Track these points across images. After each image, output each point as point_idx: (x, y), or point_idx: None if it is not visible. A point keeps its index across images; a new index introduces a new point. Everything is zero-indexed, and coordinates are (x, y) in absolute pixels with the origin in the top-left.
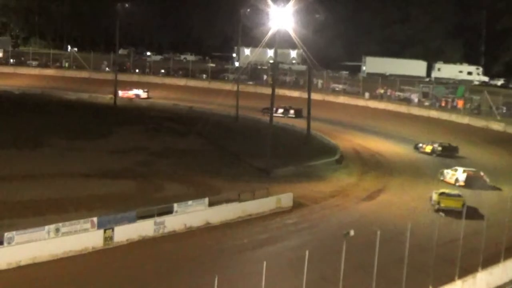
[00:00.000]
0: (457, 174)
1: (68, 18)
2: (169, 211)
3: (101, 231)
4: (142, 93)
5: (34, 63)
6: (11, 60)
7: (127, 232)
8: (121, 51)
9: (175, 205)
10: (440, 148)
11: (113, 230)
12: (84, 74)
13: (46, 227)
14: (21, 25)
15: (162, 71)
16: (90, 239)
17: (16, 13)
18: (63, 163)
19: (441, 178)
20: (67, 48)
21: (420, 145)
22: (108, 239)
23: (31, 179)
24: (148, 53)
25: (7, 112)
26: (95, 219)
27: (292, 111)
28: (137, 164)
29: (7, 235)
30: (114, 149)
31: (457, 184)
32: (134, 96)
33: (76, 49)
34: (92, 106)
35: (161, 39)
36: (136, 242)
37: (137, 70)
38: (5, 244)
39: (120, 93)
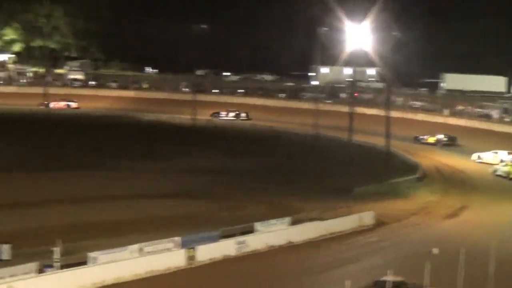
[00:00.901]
0: None
1: (147, 41)
2: (251, 231)
3: (184, 251)
4: (72, 104)
5: (114, 85)
6: (92, 83)
7: (210, 251)
8: (199, 72)
9: (257, 224)
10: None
11: (196, 249)
12: (162, 95)
13: (130, 247)
14: (102, 48)
15: (240, 91)
16: (173, 259)
17: (96, 37)
18: (141, 184)
19: None
20: (146, 70)
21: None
22: (191, 258)
23: (111, 200)
24: (226, 73)
25: (87, 134)
26: (178, 238)
27: None
28: (216, 184)
29: (91, 255)
30: (193, 169)
31: None
32: (65, 106)
33: (155, 70)
34: (172, 127)
35: (238, 59)
36: (219, 261)
37: (215, 91)
38: (89, 264)
39: (52, 104)
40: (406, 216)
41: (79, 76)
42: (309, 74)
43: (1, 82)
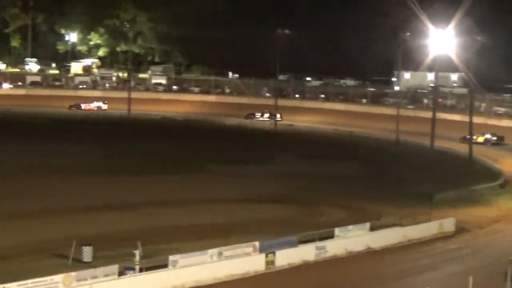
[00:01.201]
0: None
1: (229, 45)
2: (330, 236)
3: (263, 255)
4: (103, 105)
5: (196, 89)
6: (174, 87)
7: (289, 256)
8: (281, 77)
9: (336, 230)
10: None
11: (275, 254)
12: (244, 100)
13: (210, 251)
14: (184, 52)
15: (322, 96)
16: (252, 263)
17: (179, 41)
18: (224, 188)
19: None
20: (228, 75)
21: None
22: (269, 263)
23: (194, 204)
24: (308, 78)
25: (170, 138)
26: (257, 243)
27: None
28: (297, 189)
29: (172, 258)
30: (274, 174)
31: None
32: (96, 108)
33: (237, 75)
34: (253, 132)
35: (320, 64)
36: (298, 266)
37: (296, 95)
38: (170, 267)
39: (83, 106)
40: (488, 223)
41: (162, 80)
42: (392, 79)
43: (86, 86)
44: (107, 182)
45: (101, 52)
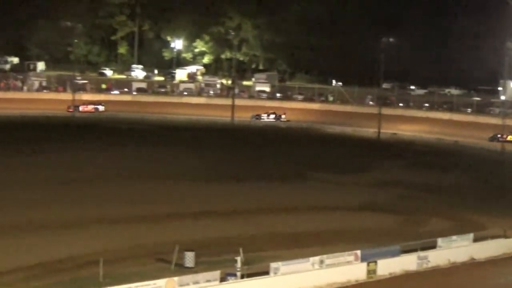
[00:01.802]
0: None
1: (333, 53)
2: (433, 246)
3: (365, 264)
4: (100, 107)
5: (300, 97)
6: (278, 95)
7: (391, 265)
8: (385, 85)
9: (439, 240)
10: None
11: (376, 263)
12: (348, 108)
13: (311, 259)
14: (288, 60)
15: (426, 104)
16: (353, 272)
17: (283, 49)
18: (325, 195)
19: None
20: (331, 83)
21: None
22: (371, 272)
23: (295, 211)
24: (412, 87)
25: (273, 145)
26: (359, 252)
27: None
28: (398, 198)
29: (273, 265)
30: (376, 182)
31: None
32: (93, 110)
33: (340, 83)
34: (356, 140)
35: (425, 73)
36: (399, 276)
37: (400, 104)
38: (271, 274)
39: (81, 108)
40: None
41: (266, 88)
42: (497, 88)
43: (191, 93)
44: (213, 188)
45: (205, 59)
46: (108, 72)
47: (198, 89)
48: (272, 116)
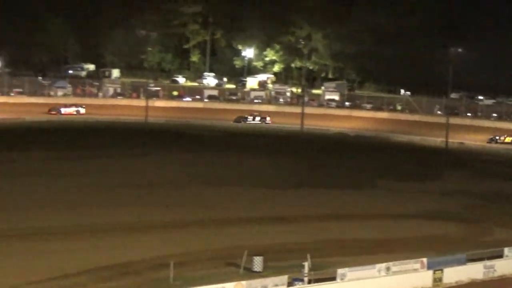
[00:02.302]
0: None
1: (401, 62)
2: (499, 255)
3: (431, 272)
4: (81, 109)
5: (368, 106)
6: (347, 103)
7: (457, 274)
8: (453, 95)
9: (506, 250)
10: None
11: (442, 271)
12: (416, 117)
13: (377, 266)
14: (357, 69)
15: (494, 114)
16: (419, 279)
17: (352, 58)
18: (392, 204)
19: None
20: (399, 92)
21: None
22: (437, 280)
23: (362, 219)
24: (480, 97)
25: (342, 153)
26: (425, 259)
27: None
28: (465, 207)
29: (340, 271)
30: (443, 191)
31: None
32: (75, 113)
33: (408, 93)
34: (423, 149)
35: (493, 83)
36: (465, 284)
37: (468, 114)
38: (338, 280)
39: (63, 110)
40: None
41: (335, 96)
42: None
43: (261, 101)
44: (283, 194)
45: (276, 68)
46: (181, 80)
47: (268, 97)
48: (258, 118)
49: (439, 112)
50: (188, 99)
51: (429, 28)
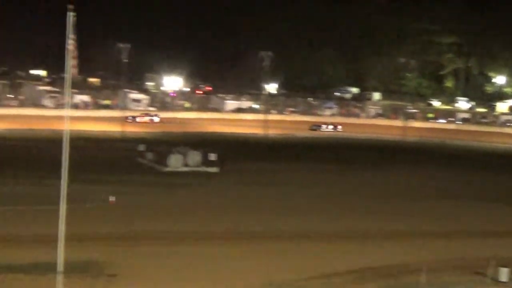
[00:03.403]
0: None
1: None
2: None
3: None
4: (155, 118)
5: None
6: None
7: None
8: None
9: None
10: None
11: None
12: None
13: None
14: None
15: None
16: None
17: None
18: None
19: None
20: None
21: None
22: None
23: None
24: None
25: None
26: None
27: None
28: None
29: None
30: None
31: None
32: (149, 121)
33: None
34: None
35: None
36: None
37: None
38: None
39: (138, 119)
40: None
41: None
42: None
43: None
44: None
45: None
46: (435, 103)
47: None
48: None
49: None
50: (442, 121)
51: None
